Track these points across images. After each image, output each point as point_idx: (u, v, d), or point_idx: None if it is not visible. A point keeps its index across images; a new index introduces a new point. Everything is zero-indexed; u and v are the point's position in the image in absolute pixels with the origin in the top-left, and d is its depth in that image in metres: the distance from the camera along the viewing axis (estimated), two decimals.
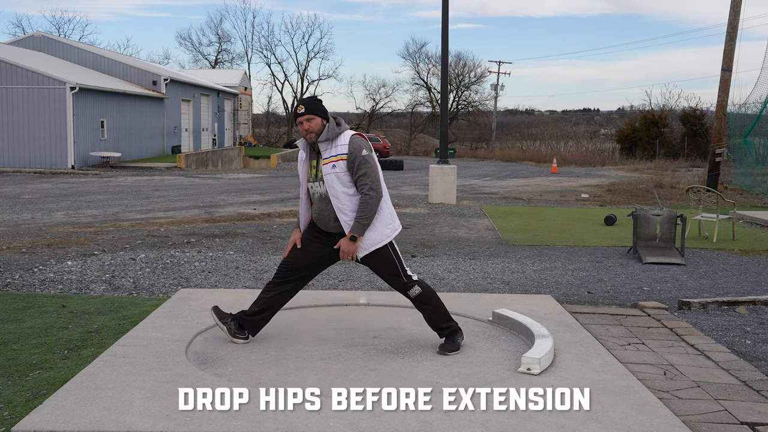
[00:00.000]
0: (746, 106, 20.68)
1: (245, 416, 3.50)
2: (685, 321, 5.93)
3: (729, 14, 19.33)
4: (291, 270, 4.67)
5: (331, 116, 4.56)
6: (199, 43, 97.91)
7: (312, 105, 4.52)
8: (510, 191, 20.42)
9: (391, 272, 4.59)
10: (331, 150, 4.49)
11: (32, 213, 13.36)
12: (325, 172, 4.48)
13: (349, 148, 4.45)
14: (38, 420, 3.40)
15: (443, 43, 16.46)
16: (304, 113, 4.48)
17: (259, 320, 4.74)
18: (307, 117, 4.48)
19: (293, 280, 4.69)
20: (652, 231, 9.19)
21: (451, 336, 4.67)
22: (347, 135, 4.51)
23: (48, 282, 7.13)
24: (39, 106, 25.67)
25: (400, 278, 4.58)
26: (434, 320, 4.68)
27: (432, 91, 64.70)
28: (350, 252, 4.44)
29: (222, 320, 4.72)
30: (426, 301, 4.62)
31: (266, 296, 4.70)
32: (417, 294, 4.58)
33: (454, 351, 4.61)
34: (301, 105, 4.52)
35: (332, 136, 4.49)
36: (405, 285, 4.59)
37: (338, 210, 4.47)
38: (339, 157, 4.46)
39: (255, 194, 17.85)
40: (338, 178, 4.45)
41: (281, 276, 4.69)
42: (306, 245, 4.67)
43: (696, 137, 41.27)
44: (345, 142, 4.48)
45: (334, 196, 4.47)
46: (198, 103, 40.08)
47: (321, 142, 4.49)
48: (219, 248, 9.28)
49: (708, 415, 3.88)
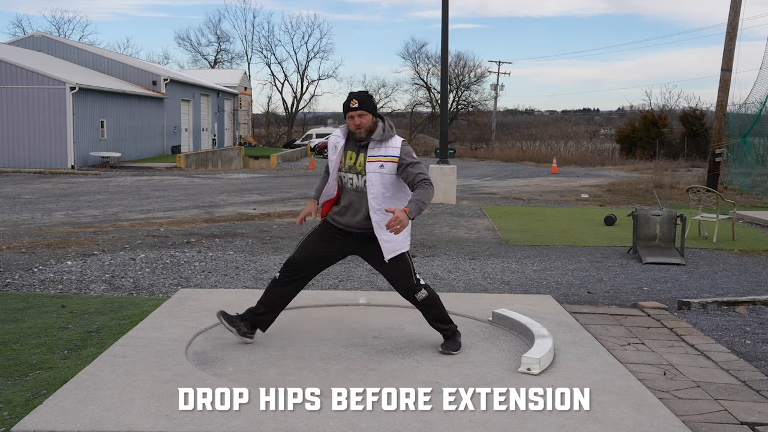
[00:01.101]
0: (746, 106, 20.69)
1: (245, 416, 3.50)
2: (685, 321, 5.93)
3: (729, 14, 19.34)
4: (299, 269, 4.62)
5: (381, 115, 4.51)
6: (198, 43, 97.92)
7: (366, 101, 4.43)
8: (510, 191, 20.42)
9: (404, 273, 4.56)
10: (380, 149, 4.43)
11: (32, 213, 13.36)
12: (369, 169, 4.41)
13: (401, 153, 4.43)
14: (38, 420, 3.40)
15: (443, 43, 16.45)
16: (358, 108, 4.39)
17: (267, 319, 4.73)
18: (360, 113, 4.40)
19: (300, 279, 4.66)
20: (652, 231, 9.19)
21: (453, 336, 4.68)
22: (398, 140, 4.49)
23: (48, 282, 7.13)
24: (39, 106, 25.66)
25: (410, 279, 4.56)
26: (437, 323, 4.68)
27: (432, 91, 64.72)
28: (404, 222, 4.16)
29: (232, 324, 4.67)
30: (432, 305, 4.61)
31: (272, 296, 4.66)
32: (423, 298, 4.57)
33: (456, 350, 4.62)
34: (354, 99, 4.41)
35: (387, 137, 4.45)
36: (414, 287, 4.56)
37: (372, 209, 4.42)
38: (389, 159, 4.41)
39: (255, 194, 17.85)
40: (382, 178, 4.41)
41: (288, 275, 4.62)
42: (319, 246, 4.61)
43: (696, 137, 41.24)
44: (396, 146, 4.44)
45: (372, 195, 4.41)
46: (198, 103, 40.08)
47: (373, 139, 4.44)
48: (219, 248, 9.28)
49: (708, 415, 3.88)
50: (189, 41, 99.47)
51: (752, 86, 20.14)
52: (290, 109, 67.74)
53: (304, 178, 24.50)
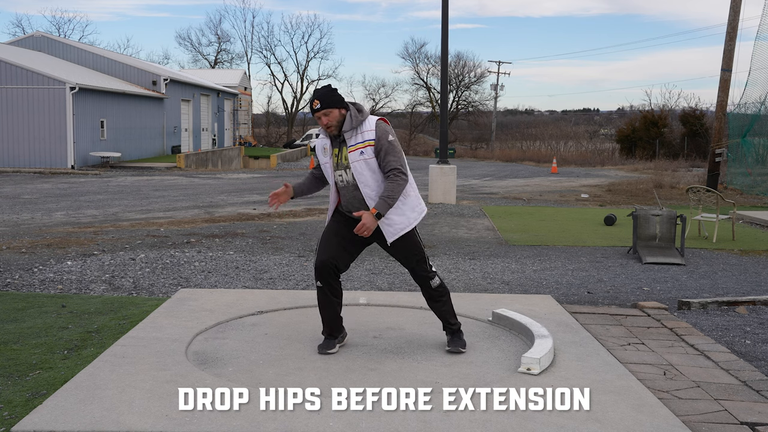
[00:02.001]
0: (746, 106, 20.66)
1: (245, 416, 3.50)
2: (685, 321, 5.93)
3: (729, 14, 19.33)
4: (331, 267, 4.51)
5: (350, 104, 4.45)
6: (199, 43, 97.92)
7: (326, 98, 4.36)
8: (510, 191, 20.41)
9: (417, 258, 4.54)
10: (357, 137, 4.39)
11: (32, 213, 13.36)
12: (352, 159, 4.37)
13: (377, 134, 4.37)
14: (38, 420, 3.40)
15: (443, 43, 16.45)
16: (320, 108, 4.36)
17: (337, 326, 4.68)
18: (324, 112, 4.36)
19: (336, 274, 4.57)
20: (652, 231, 9.19)
21: (458, 333, 4.69)
22: (372, 121, 4.42)
23: (48, 282, 7.13)
24: (39, 106, 25.66)
25: (425, 265, 4.56)
26: (446, 315, 4.67)
27: (432, 91, 64.71)
28: (370, 227, 4.26)
29: (333, 348, 4.60)
30: (443, 293, 4.63)
31: (325, 299, 4.57)
32: (437, 285, 4.59)
33: (464, 347, 4.62)
34: (316, 100, 4.37)
35: (356, 124, 4.39)
36: (428, 274, 4.56)
37: (368, 197, 4.39)
38: (366, 143, 4.37)
39: (255, 194, 17.85)
40: (367, 165, 4.37)
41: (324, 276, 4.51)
42: (340, 237, 4.54)
43: (696, 137, 41.26)
44: (371, 128, 4.39)
45: (363, 183, 4.38)
46: (198, 103, 40.08)
47: (346, 131, 4.40)
48: (219, 248, 9.27)
49: (708, 415, 3.88)
50: (189, 41, 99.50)
51: (750, 86, 20.09)
52: (290, 109, 67.77)
53: (304, 178, 24.47)
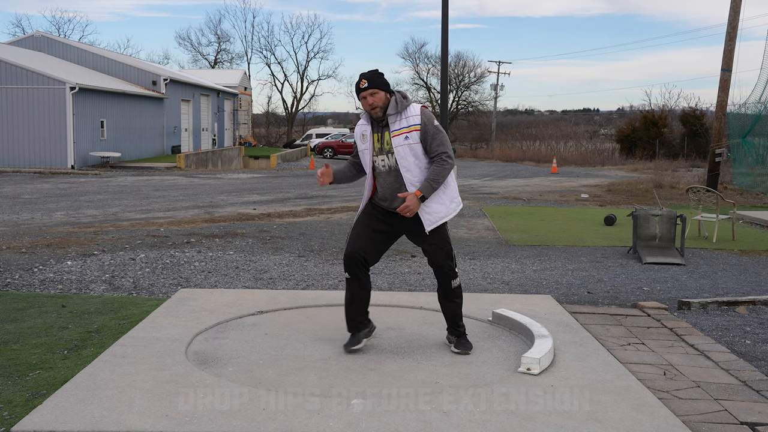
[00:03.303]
0: (746, 106, 20.67)
1: (245, 416, 3.50)
2: (685, 321, 5.93)
3: (729, 14, 19.32)
4: (359, 260, 4.48)
5: (395, 90, 4.45)
6: (199, 43, 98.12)
7: (375, 79, 4.37)
8: (510, 191, 20.41)
9: (446, 253, 4.54)
10: (401, 121, 4.38)
11: (32, 213, 13.36)
12: (396, 143, 4.36)
13: (422, 119, 4.37)
14: (38, 420, 3.40)
15: (443, 43, 16.44)
16: (368, 87, 4.34)
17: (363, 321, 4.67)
18: (371, 91, 4.34)
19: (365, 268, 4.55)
20: (651, 231, 9.19)
21: (464, 336, 4.69)
22: (416, 107, 4.43)
23: (48, 282, 7.13)
24: (39, 106, 25.66)
25: (451, 262, 4.56)
26: (455, 318, 4.68)
27: (432, 91, 64.71)
28: (413, 208, 4.29)
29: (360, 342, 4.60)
30: (458, 294, 4.64)
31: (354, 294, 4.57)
32: (456, 286, 4.60)
33: (470, 349, 4.64)
34: (364, 79, 4.35)
35: (402, 109, 4.39)
36: (452, 272, 4.56)
37: (409, 183, 4.37)
38: (412, 128, 4.36)
39: (255, 194, 17.85)
40: (411, 150, 4.35)
41: (352, 268, 4.50)
42: (371, 230, 4.52)
43: (696, 137, 41.26)
44: (416, 113, 4.38)
45: (406, 168, 4.36)
46: (198, 103, 40.08)
47: (390, 115, 4.38)
48: (219, 248, 9.27)
49: (708, 415, 3.88)
50: (189, 41, 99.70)
51: (753, 87, 20.12)
52: (290, 109, 67.78)
53: (304, 178, 24.49)
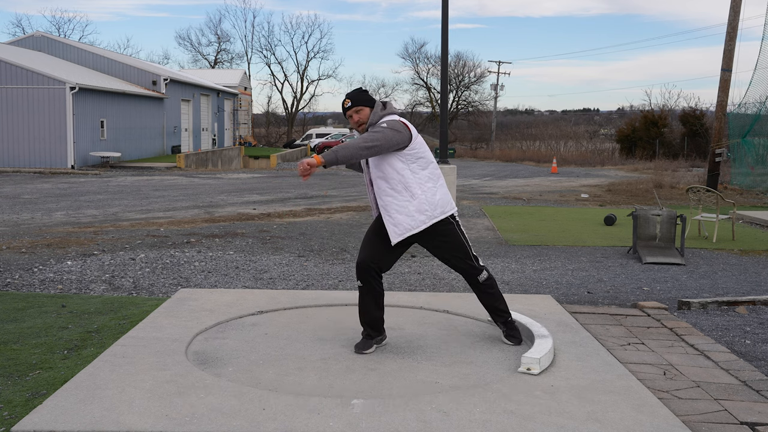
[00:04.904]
0: (746, 106, 20.66)
1: (245, 416, 3.50)
2: (685, 321, 5.93)
3: (729, 14, 19.31)
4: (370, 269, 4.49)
5: (378, 101, 4.49)
6: (199, 43, 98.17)
7: (358, 97, 4.47)
8: (510, 191, 20.41)
9: (460, 256, 4.55)
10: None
11: (32, 213, 13.36)
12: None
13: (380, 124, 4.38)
14: (38, 420, 3.40)
15: (443, 43, 16.43)
16: (351, 106, 4.44)
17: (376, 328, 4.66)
18: (356, 109, 4.44)
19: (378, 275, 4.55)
20: (651, 231, 9.19)
21: (511, 323, 4.72)
22: (387, 118, 4.42)
23: (48, 282, 7.13)
24: (39, 106, 25.66)
25: (470, 261, 4.57)
26: (494, 305, 4.69)
27: (432, 91, 64.75)
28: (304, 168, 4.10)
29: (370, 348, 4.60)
30: (491, 285, 4.65)
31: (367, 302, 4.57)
32: (485, 278, 4.61)
33: (519, 341, 4.68)
34: (347, 99, 4.46)
35: (375, 120, 4.44)
36: (474, 270, 4.57)
37: (380, 190, 4.41)
38: None
39: (255, 194, 17.85)
40: (380, 159, 4.39)
41: (365, 276, 4.51)
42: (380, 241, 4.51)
43: (696, 137, 41.26)
44: (384, 123, 4.38)
45: (380, 178, 4.40)
46: (198, 103, 40.08)
47: (369, 126, 4.44)
48: (219, 248, 9.28)
49: (708, 415, 3.88)
50: (189, 41, 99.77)
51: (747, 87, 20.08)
52: (290, 109, 67.79)
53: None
